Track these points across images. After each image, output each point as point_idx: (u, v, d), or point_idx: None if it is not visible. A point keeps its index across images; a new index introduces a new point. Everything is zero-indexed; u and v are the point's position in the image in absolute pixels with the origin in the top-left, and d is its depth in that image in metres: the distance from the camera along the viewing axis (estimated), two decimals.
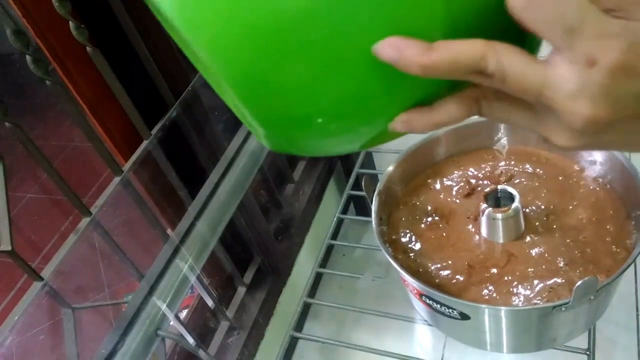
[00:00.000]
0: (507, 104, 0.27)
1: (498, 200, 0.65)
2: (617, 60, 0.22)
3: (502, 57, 0.24)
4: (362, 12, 0.23)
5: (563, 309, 0.53)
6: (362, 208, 1.35)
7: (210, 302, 0.90)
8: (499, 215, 0.62)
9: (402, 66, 0.24)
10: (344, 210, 0.94)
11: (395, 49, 0.24)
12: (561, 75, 0.23)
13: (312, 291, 1.18)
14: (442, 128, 0.75)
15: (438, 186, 0.74)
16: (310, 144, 0.32)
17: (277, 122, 0.29)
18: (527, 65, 0.24)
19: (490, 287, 0.60)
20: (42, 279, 0.55)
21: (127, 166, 0.67)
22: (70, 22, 0.57)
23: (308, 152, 0.34)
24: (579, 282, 0.50)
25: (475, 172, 0.74)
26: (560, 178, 0.70)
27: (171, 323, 0.65)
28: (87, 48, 0.60)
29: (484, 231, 0.65)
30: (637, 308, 0.86)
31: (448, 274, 0.63)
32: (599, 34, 0.22)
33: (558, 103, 0.24)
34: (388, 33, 0.24)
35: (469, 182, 0.73)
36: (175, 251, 0.67)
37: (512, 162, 0.74)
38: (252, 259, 1.07)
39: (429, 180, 0.75)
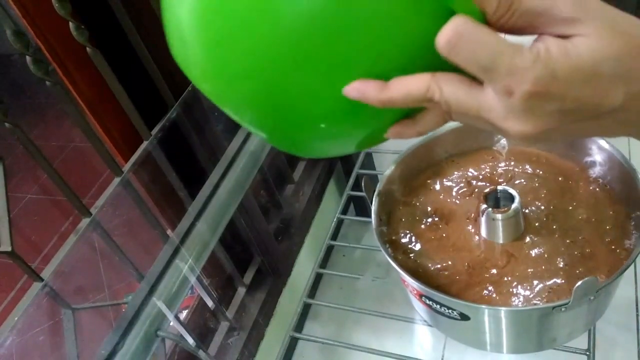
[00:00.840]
0: (467, 117, 0.32)
1: (498, 200, 0.65)
2: (528, 91, 0.27)
3: (444, 88, 0.29)
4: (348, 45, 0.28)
5: (563, 309, 0.53)
6: (362, 208, 1.35)
7: (210, 303, 0.90)
8: (499, 216, 0.62)
9: (366, 102, 0.30)
10: (344, 211, 0.94)
11: (358, 91, 0.29)
12: (490, 102, 0.28)
13: (312, 292, 1.19)
14: (443, 129, 0.75)
15: (438, 187, 0.74)
16: (311, 146, 0.37)
17: (282, 129, 0.34)
18: (465, 93, 0.29)
19: (490, 288, 0.61)
20: (42, 279, 0.55)
21: (127, 166, 0.67)
22: (70, 23, 0.57)
23: (308, 153, 0.38)
24: (579, 283, 0.50)
25: (475, 173, 0.74)
26: (560, 179, 0.70)
27: (171, 323, 0.65)
28: (87, 48, 0.60)
29: (483, 232, 0.65)
30: (637, 308, 0.86)
31: (448, 275, 0.63)
32: (510, 70, 0.26)
33: (493, 122, 0.29)
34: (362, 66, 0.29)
35: (468, 183, 0.73)
36: (175, 251, 0.67)
37: (512, 163, 0.74)
38: (252, 259, 1.07)
39: (429, 181, 0.75)
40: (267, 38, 0.28)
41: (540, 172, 0.72)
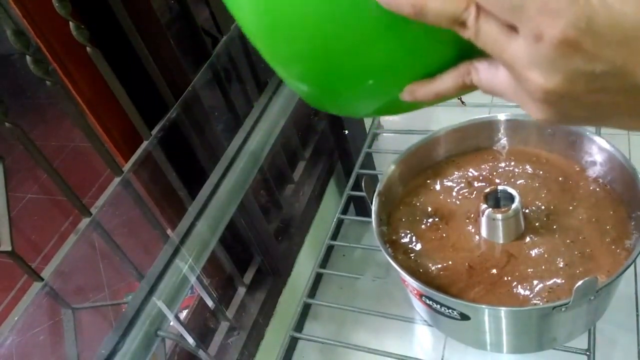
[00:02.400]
0: (492, 76, 0.30)
1: (498, 200, 0.65)
2: (560, 37, 0.24)
3: (481, 15, 0.27)
4: None
5: (563, 309, 0.53)
6: (362, 208, 1.35)
7: (210, 303, 0.90)
8: (499, 216, 0.62)
9: (396, 7, 0.28)
10: (344, 211, 0.94)
11: None
12: (517, 46, 0.26)
13: (312, 291, 1.18)
14: (443, 129, 0.74)
15: (438, 187, 0.74)
16: (348, 102, 0.38)
17: (332, 84, 0.35)
18: (497, 28, 0.26)
19: (490, 288, 0.60)
20: (42, 279, 0.55)
21: (127, 166, 0.67)
22: (71, 23, 0.57)
23: (341, 109, 0.41)
24: (579, 283, 0.50)
25: (475, 173, 0.74)
26: (560, 179, 0.70)
27: (171, 323, 0.65)
28: (87, 48, 0.60)
29: (484, 232, 0.65)
30: (637, 308, 0.86)
31: (448, 275, 0.63)
32: (541, 10, 0.24)
33: (516, 70, 0.27)
34: None
35: (469, 183, 0.73)
36: (175, 251, 0.67)
37: (512, 163, 0.74)
38: (252, 259, 1.07)
39: (429, 181, 0.75)
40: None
41: (540, 172, 0.72)
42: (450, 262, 0.64)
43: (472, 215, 0.68)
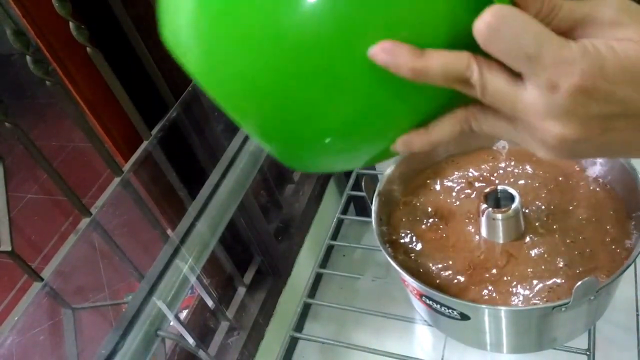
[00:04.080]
0: (492, 121, 0.29)
1: (498, 200, 0.65)
2: (575, 85, 0.24)
3: (484, 69, 0.26)
4: (360, 36, 0.26)
5: (563, 309, 0.53)
6: (362, 208, 1.34)
7: (210, 303, 0.90)
8: (499, 216, 0.62)
9: (394, 69, 0.26)
10: (344, 211, 0.94)
11: (389, 53, 0.26)
12: (530, 97, 0.26)
13: (312, 291, 1.18)
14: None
15: (438, 187, 0.74)
16: (316, 162, 0.34)
17: (286, 143, 0.32)
18: (504, 82, 0.26)
19: (490, 288, 0.61)
20: (42, 279, 0.55)
21: (127, 166, 0.67)
22: (71, 23, 0.57)
23: (313, 168, 0.36)
24: (579, 283, 0.50)
25: (476, 173, 0.74)
26: (560, 178, 0.70)
27: (171, 323, 0.65)
28: (87, 48, 0.60)
29: (484, 232, 0.65)
30: (637, 308, 0.86)
31: (448, 275, 0.63)
32: (557, 61, 0.24)
33: (529, 121, 0.27)
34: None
35: (469, 183, 0.73)
36: (175, 251, 0.67)
37: (512, 163, 0.74)
38: (252, 259, 1.07)
39: (429, 181, 0.75)
40: (270, 52, 0.26)
41: (540, 172, 0.72)
42: (450, 262, 0.64)
43: (472, 215, 0.68)
